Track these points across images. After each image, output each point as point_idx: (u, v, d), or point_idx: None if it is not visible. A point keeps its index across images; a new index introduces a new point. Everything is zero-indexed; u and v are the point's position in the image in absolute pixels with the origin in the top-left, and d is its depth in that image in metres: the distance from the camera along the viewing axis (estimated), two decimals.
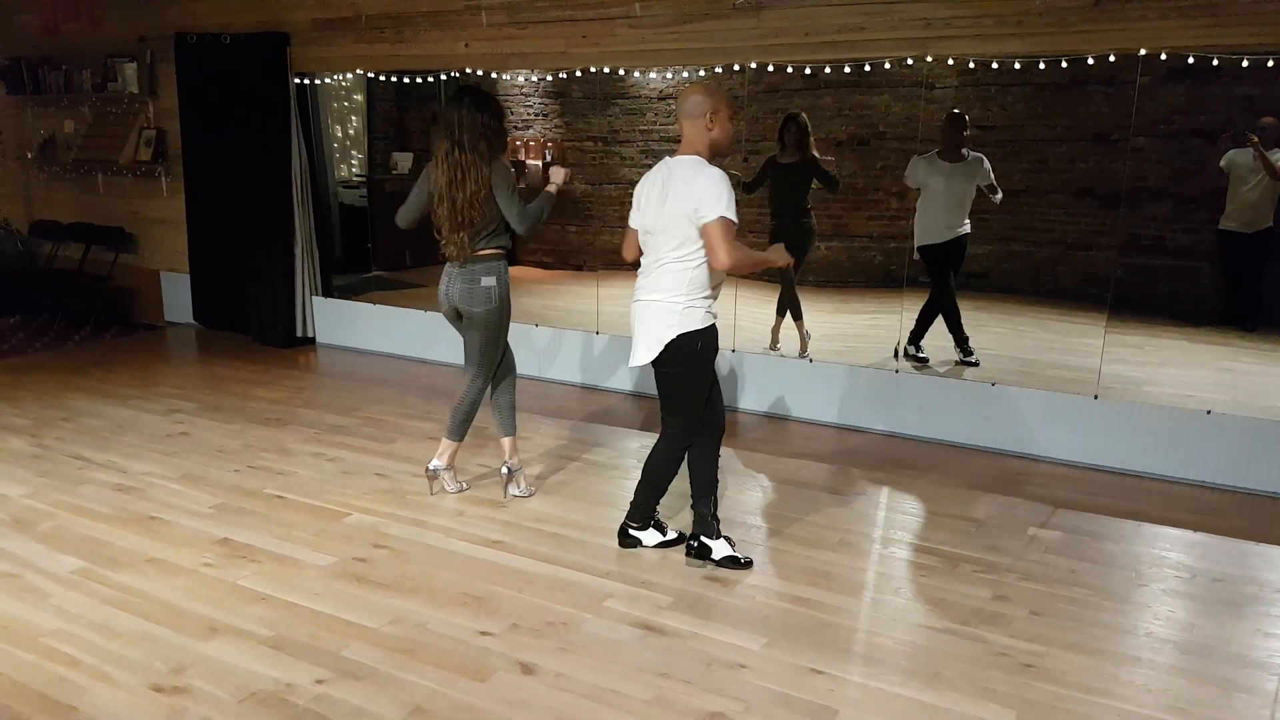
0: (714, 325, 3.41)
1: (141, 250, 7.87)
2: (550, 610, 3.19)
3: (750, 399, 5.56)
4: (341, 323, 7.04)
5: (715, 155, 3.37)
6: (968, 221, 5.64)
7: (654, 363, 3.43)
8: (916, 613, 3.23)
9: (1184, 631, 3.15)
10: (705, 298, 3.36)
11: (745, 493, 4.31)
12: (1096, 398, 4.69)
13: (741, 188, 5.83)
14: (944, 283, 5.68)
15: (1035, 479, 4.55)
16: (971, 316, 5.78)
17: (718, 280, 3.41)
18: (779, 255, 3.53)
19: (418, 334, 6.68)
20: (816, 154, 5.86)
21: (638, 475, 4.49)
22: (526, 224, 3.88)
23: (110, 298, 7.73)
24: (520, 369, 6.16)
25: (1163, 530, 3.97)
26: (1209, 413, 4.45)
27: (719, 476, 3.62)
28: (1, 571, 3.44)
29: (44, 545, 3.65)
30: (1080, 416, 4.70)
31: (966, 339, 5.63)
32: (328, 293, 7.15)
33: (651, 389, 5.79)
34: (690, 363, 3.39)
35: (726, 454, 4.82)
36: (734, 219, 3.21)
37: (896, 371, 5.18)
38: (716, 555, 3.54)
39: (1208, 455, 4.45)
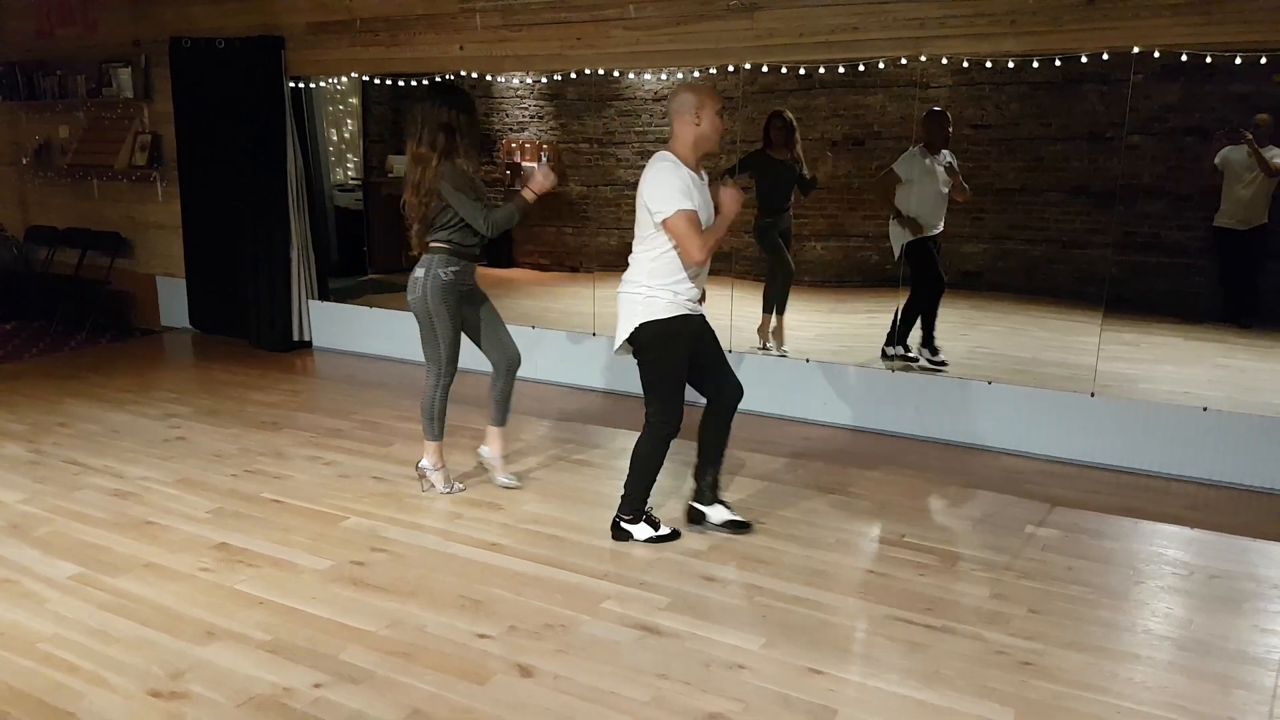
0: (685, 315, 3.50)
1: (137, 255, 7.86)
2: (548, 612, 3.19)
3: (745, 398, 5.55)
4: (338, 326, 7.04)
5: (702, 151, 3.48)
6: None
7: (632, 351, 3.58)
8: (915, 612, 3.23)
9: (1182, 628, 3.16)
10: (667, 286, 3.46)
11: (740, 492, 4.31)
12: (1093, 395, 4.69)
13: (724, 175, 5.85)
14: (925, 277, 5.69)
15: (1032, 477, 4.56)
16: (967, 315, 5.79)
17: (693, 270, 3.49)
18: (730, 200, 3.45)
19: (414, 337, 6.64)
20: (800, 152, 5.90)
21: None
22: (487, 229, 3.93)
23: (106, 302, 7.72)
24: (518, 370, 6.17)
25: (1160, 527, 3.97)
26: (1205, 409, 4.46)
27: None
28: None
29: (40, 551, 3.64)
30: (1077, 414, 4.71)
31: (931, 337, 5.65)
32: (324, 296, 7.15)
33: None
34: (659, 350, 3.50)
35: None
36: (689, 206, 3.34)
37: (893, 370, 5.19)
38: (715, 519, 3.81)
39: (1204, 452, 4.45)
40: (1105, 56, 4.44)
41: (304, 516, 3.99)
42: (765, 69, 5.25)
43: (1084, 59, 4.49)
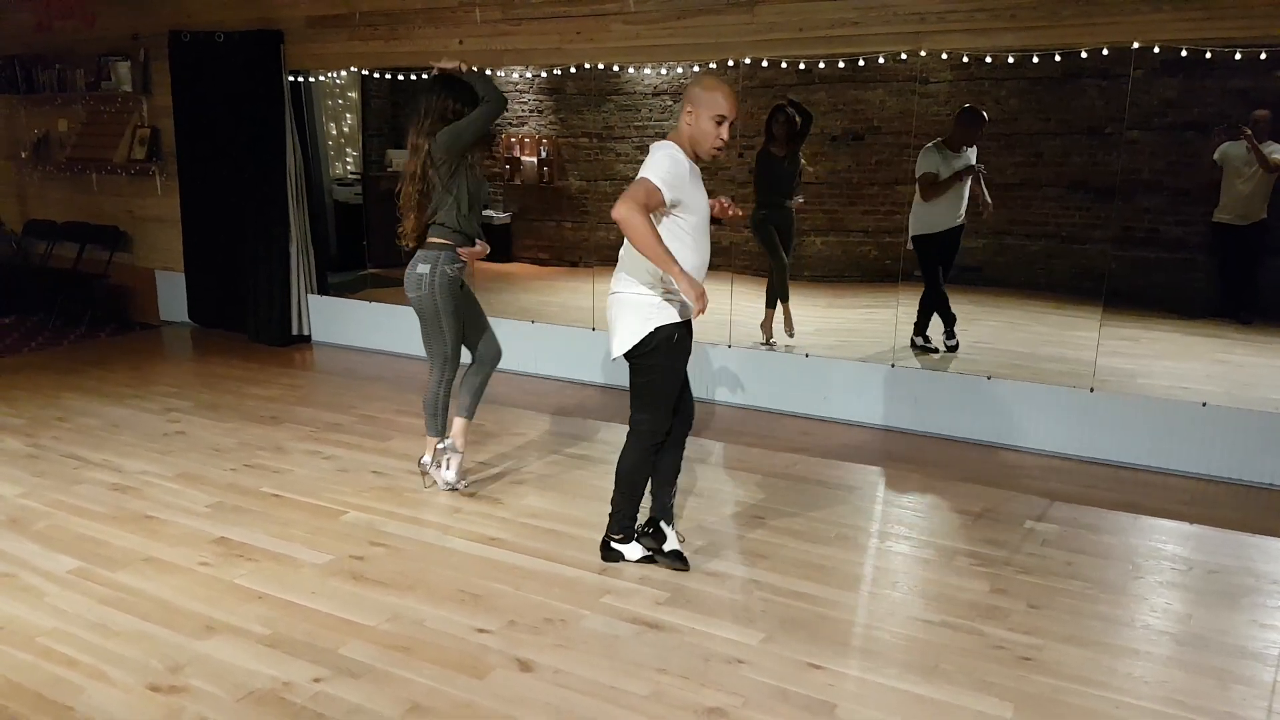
0: (689, 320, 3.30)
1: (136, 249, 7.85)
2: (548, 606, 3.20)
3: (744, 394, 5.56)
4: (337, 320, 7.03)
5: (694, 152, 3.20)
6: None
7: (627, 356, 3.33)
8: (914, 606, 3.23)
9: (1181, 623, 3.16)
10: (677, 291, 3.16)
11: (741, 488, 4.31)
12: (1092, 390, 4.69)
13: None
14: (936, 274, 5.68)
15: (1031, 472, 4.56)
16: (966, 310, 5.78)
17: (694, 264, 3.22)
18: (695, 297, 3.07)
19: (413, 331, 6.63)
20: (803, 150, 5.91)
21: None
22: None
23: (105, 297, 7.72)
24: (517, 365, 6.17)
25: (1159, 522, 3.98)
26: (1204, 405, 4.46)
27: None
28: None
29: (40, 545, 3.65)
30: (1076, 409, 4.71)
31: (954, 319, 5.65)
32: (323, 290, 7.14)
33: None
34: (667, 357, 3.29)
35: (722, 448, 4.82)
36: (660, 188, 3.04)
37: (893, 365, 5.19)
38: (667, 547, 3.48)
39: (1203, 447, 4.45)
40: (1105, 51, 4.44)
41: (303, 511, 3.99)
42: (765, 63, 5.24)
43: (1084, 54, 4.48)
